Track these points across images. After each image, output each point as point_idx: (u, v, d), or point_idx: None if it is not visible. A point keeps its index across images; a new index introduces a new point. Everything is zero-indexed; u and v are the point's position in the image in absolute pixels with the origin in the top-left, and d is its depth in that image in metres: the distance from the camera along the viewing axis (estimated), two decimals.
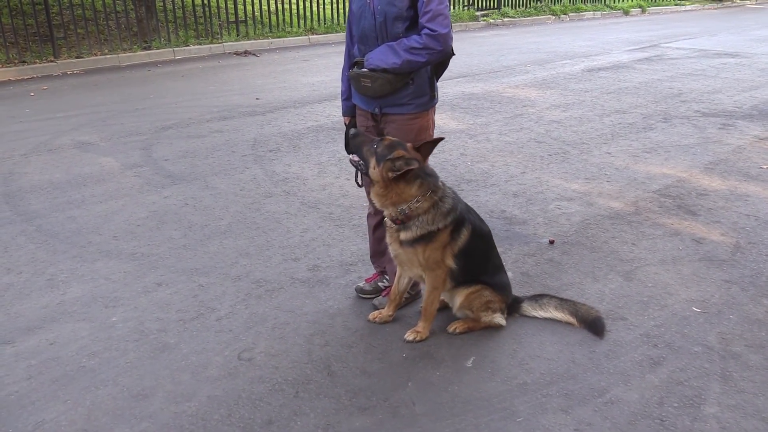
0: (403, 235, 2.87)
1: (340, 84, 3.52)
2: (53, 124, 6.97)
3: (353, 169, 5.40)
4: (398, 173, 2.69)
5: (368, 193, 3.31)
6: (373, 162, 2.76)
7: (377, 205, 2.89)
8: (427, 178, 2.82)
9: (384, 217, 3.32)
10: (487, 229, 3.11)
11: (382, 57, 2.81)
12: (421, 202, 2.80)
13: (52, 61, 10.30)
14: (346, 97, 3.20)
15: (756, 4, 24.64)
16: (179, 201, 4.81)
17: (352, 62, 3.03)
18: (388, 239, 3.00)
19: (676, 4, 22.29)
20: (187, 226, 4.37)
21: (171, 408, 2.59)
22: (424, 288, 3.05)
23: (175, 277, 3.67)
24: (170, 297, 3.45)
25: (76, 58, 10.61)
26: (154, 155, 5.91)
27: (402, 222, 2.84)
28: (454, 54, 2.88)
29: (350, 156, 2.90)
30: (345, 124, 3.27)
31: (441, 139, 2.93)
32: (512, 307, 3.19)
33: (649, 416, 2.54)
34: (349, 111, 3.23)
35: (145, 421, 2.52)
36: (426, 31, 2.73)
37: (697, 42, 13.38)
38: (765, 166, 5.47)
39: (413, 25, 2.81)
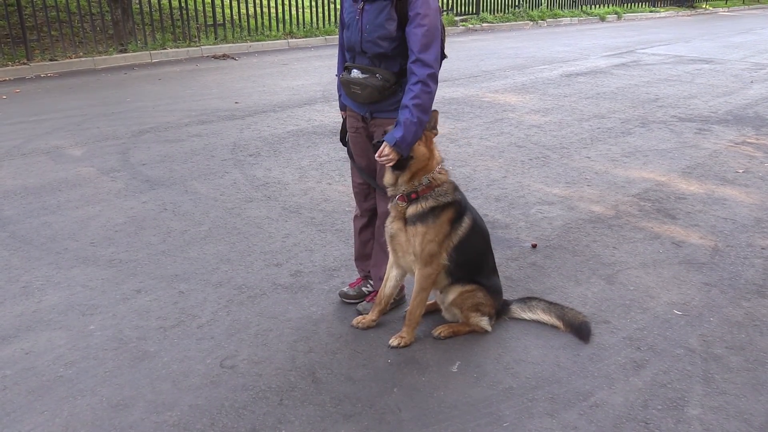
0: (412, 209, 2.87)
1: (319, 88, 3.50)
2: (26, 128, 6.82)
3: (334, 173, 5.41)
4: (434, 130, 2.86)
5: (356, 194, 3.30)
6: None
7: (401, 184, 2.86)
8: None
9: (368, 220, 3.31)
10: (486, 228, 3.14)
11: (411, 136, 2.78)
12: (441, 172, 2.91)
13: (25, 64, 10.09)
14: (342, 93, 3.20)
15: (728, 12, 25.17)
16: (158, 206, 4.74)
17: (343, 66, 3.04)
18: (389, 219, 2.98)
19: (650, 11, 22.64)
20: (166, 231, 4.30)
21: (152, 418, 2.54)
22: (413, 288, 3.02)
23: (155, 283, 3.60)
24: (150, 304, 3.39)
25: (50, 60, 10.41)
26: (132, 160, 5.82)
27: (417, 196, 2.85)
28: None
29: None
30: (342, 117, 3.26)
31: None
32: (501, 309, 3.19)
33: (634, 419, 2.55)
34: (346, 106, 3.22)
35: (126, 431, 2.46)
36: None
37: (673, 48, 13.60)
38: (741, 170, 5.57)
39: (402, 44, 2.81)
